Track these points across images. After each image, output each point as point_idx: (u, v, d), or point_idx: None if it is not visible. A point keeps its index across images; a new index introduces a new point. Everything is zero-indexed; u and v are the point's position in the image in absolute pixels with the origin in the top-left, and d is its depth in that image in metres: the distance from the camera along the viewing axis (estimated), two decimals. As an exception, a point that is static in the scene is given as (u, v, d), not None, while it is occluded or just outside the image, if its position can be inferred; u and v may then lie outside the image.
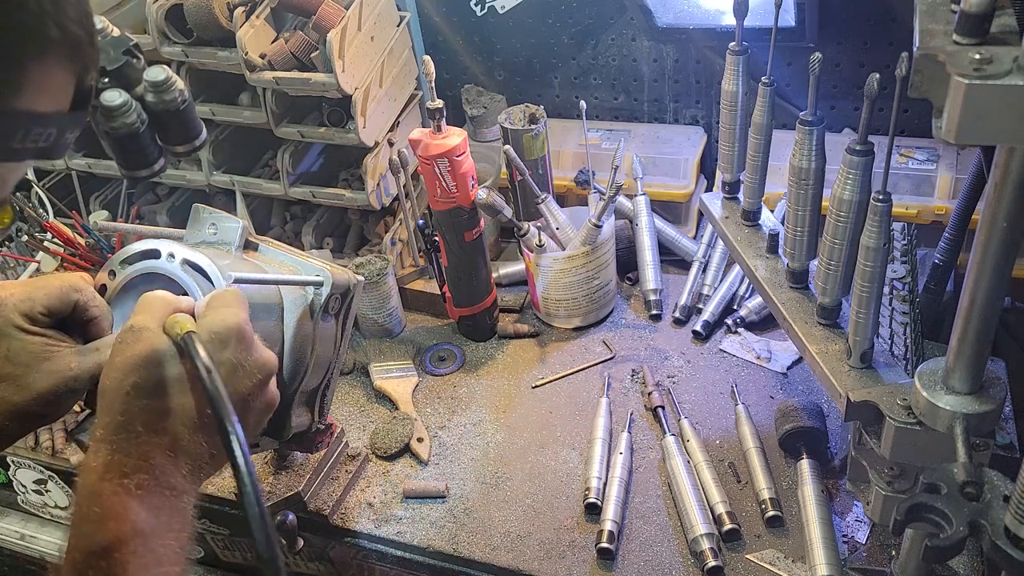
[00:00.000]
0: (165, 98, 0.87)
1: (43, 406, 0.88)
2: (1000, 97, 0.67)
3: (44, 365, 0.87)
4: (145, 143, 0.87)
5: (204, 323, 0.80)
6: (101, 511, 0.73)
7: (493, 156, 1.93)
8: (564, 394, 1.59)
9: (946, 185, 1.62)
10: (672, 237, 1.82)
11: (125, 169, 0.88)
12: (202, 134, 0.93)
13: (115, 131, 0.85)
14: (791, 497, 1.33)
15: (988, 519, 0.86)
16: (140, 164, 0.88)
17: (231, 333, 0.81)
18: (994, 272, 0.87)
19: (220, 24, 1.56)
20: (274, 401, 0.87)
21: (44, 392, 0.87)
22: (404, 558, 1.39)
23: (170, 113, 0.88)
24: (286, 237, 1.86)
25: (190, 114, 0.91)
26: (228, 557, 1.63)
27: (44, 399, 0.87)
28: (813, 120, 1.11)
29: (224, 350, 0.80)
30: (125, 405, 0.76)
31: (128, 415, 0.75)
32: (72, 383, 0.88)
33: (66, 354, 0.89)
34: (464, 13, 1.94)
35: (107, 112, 0.83)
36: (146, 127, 0.87)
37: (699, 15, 1.75)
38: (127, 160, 0.88)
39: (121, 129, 0.85)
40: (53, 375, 0.87)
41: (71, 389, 0.88)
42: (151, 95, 0.87)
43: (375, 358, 1.70)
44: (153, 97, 0.87)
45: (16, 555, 1.92)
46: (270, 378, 0.85)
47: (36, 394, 0.86)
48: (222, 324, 0.80)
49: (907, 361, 1.24)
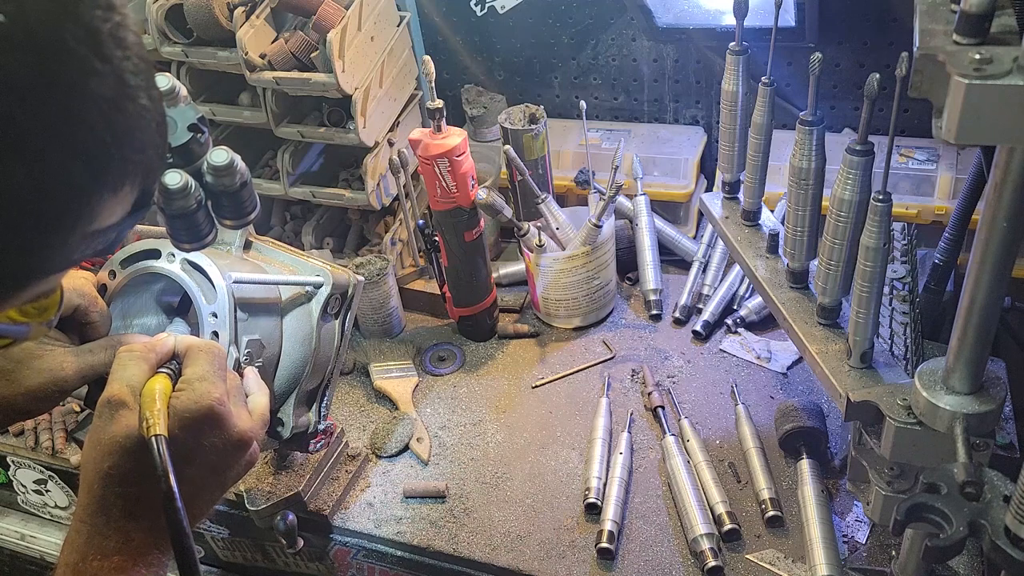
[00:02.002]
0: (225, 182, 0.87)
1: (30, 402, 0.89)
2: (1000, 97, 0.67)
3: (36, 363, 0.88)
4: (199, 221, 0.86)
5: (179, 404, 0.80)
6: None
7: (493, 156, 1.93)
8: (564, 394, 1.59)
9: (946, 185, 1.62)
10: (672, 237, 1.82)
11: (174, 240, 0.88)
12: (255, 210, 0.92)
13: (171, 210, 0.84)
14: (791, 497, 1.33)
15: (988, 519, 0.86)
16: (191, 239, 0.88)
17: (204, 417, 0.80)
18: (994, 272, 0.87)
19: (220, 24, 1.56)
20: (253, 461, 0.88)
21: (33, 388, 0.88)
22: (404, 558, 1.39)
23: (228, 194, 0.88)
24: (286, 237, 1.86)
25: (247, 194, 0.90)
26: (228, 557, 1.63)
27: (32, 395, 0.88)
28: (813, 120, 1.11)
29: (198, 435, 0.80)
30: (103, 490, 0.76)
31: (105, 500, 0.76)
32: (62, 383, 0.89)
33: (59, 354, 0.89)
34: (464, 13, 1.94)
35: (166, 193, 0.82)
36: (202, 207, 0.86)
37: (699, 15, 1.75)
38: (177, 234, 0.87)
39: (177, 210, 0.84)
40: (44, 373, 0.88)
41: (60, 388, 0.89)
42: (211, 176, 0.86)
43: (375, 358, 1.69)
44: (213, 179, 0.86)
45: (16, 555, 1.92)
46: (247, 447, 0.85)
47: (25, 390, 0.87)
48: (195, 407, 0.80)
49: (907, 361, 1.24)
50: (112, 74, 0.50)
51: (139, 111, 0.52)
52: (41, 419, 1.69)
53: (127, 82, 0.51)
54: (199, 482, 0.81)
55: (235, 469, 0.85)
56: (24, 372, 0.87)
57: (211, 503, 0.86)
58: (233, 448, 0.83)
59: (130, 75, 0.51)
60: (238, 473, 0.86)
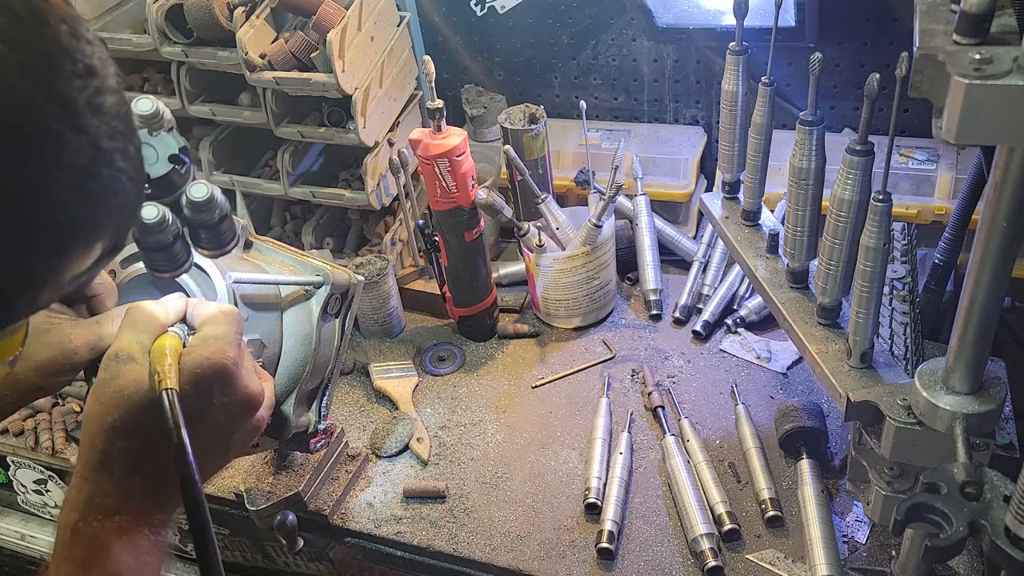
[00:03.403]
0: (204, 217, 0.86)
1: (42, 377, 0.87)
2: (1000, 97, 0.67)
3: (44, 336, 0.86)
4: (176, 252, 0.85)
5: (191, 360, 0.78)
6: (83, 554, 0.72)
7: (493, 156, 1.93)
8: (564, 394, 1.59)
9: (946, 185, 1.62)
10: (672, 237, 1.82)
11: (149, 267, 0.87)
12: (234, 240, 0.91)
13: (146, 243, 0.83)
14: (791, 497, 1.33)
15: (988, 519, 0.86)
16: (165, 268, 0.87)
17: (216, 374, 0.78)
18: (994, 272, 0.87)
19: (220, 24, 1.56)
20: (260, 427, 0.86)
21: (43, 363, 0.86)
22: (404, 558, 1.39)
23: (206, 228, 0.87)
24: (286, 237, 1.86)
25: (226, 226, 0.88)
26: (228, 557, 1.63)
27: (43, 370, 0.87)
28: (813, 120, 1.11)
29: (208, 392, 0.78)
30: (105, 444, 0.74)
31: (108, 455, 0.74)
32: (72, 356, 0.88)
33: (67, 327, 0.88)
34: (464, 13, 1.94)
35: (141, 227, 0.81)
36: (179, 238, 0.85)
37: (699, 15, 1.75)
38: (153, 263, 0.86)
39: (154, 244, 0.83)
40: (52, 347, 0.86)
41: (70, 362, 0.88)
42: (189, 211, 0.85)
43: (375, 358, 1.70)
44: (190, 213, 0.85)
45: (16, 555, 1.92)
46: (255, 410, 0.84)
47: (35, 364, 0.86)
48: (208, 363, 0.78)
49: (907, 361, 1.24)
50: (87, 144, 0.50)
51: (114, 175, 0.52)
52: (41, 419, 1.69)
53: (103, 147, 0.51)
54: (205, 441, 0.79)
55: (240, 432, 0.83)
56: (32, 347, 0.85)
57: (215, 466, 0.84)
58: (241, 409, 0.82)
59: (106, 140, 0.51)
60: (243, 437, 0.84)
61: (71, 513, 0.74)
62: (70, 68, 0.49)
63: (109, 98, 0.52)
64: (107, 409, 0.75)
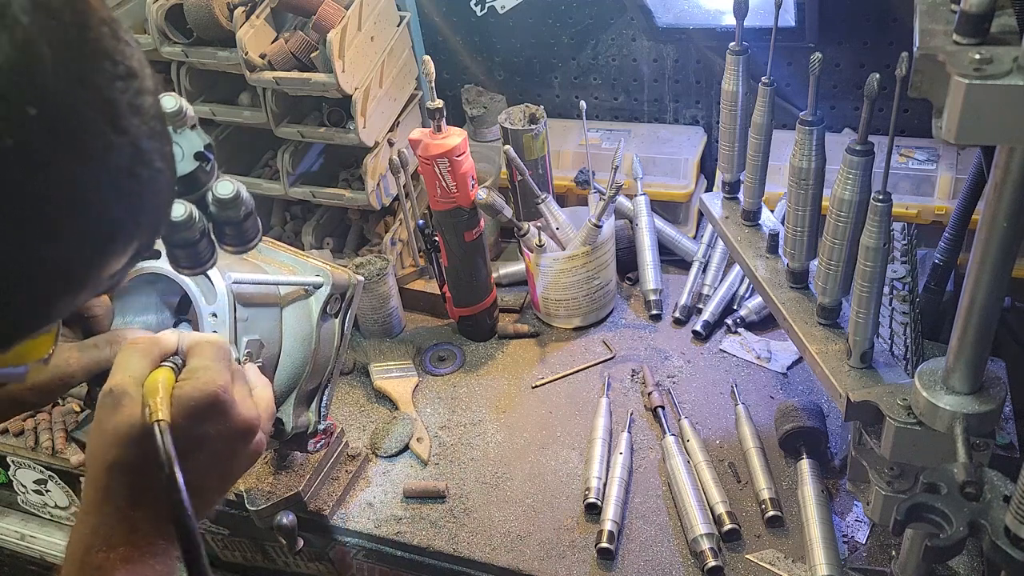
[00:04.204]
0: (230, 214, 0.86)
1: (36, 396, 0.90)
2: (1000, 97, 0.67)
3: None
4: (201, 250, 0.86)
5: (182, 393, 0.79)
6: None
7: (493, 156, 1.93)
8: (564, 394, 1.59)
9: (946, 185, 1.62)
10: (672, 237, 1.82)
11: (174, 265, 0.87)
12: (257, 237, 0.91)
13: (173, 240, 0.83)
14: (791, 497, 1.33)
15: (988, 519, 0.86)
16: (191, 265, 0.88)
17: (208, 405, 0.79)
18: (994, 272, 0.87)
19: (220, 24, 1.56)
20: (260, 450, 0.87)
21: (40, 384, 0.89)
22: (404, 558, 1.39)
23: (231, 224, 0.87)
24: (286, 237, 1.86)
25: (250, 223, 0.89)
26: (228, 557, 1.63)
27: (38, 389, 0.89)
28: (813, 120, 1.11)
29: (202, 423, 0.79)
30: (107, 481, 0.76)
31: (110, 490, 0.76)
32: (68, 378, 0.90)
33: (64, 349, 0.90)
34: (464, 13, 1.94)
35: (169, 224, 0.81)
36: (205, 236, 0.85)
37: (699, 15, 1.74)
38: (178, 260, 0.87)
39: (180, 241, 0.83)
40: (50, 370, 0.88)
41: (66, 384, 0.90)
42: (215, 207, 0.85)
43: (375, 358, 1.69)
44: (217, 210, 0.85)
45: (16, 555, 1.92)
46: (253, 435, 0.84)
47: (31, 385, 0.88)
48: (199, 395, 0.79)
49: (907, 361, 1.24)
50: (128, 145, 0.50)
51: (152, 175, 0.53)
52: (41, 419, 1.69)
53: (143, 148, 0.51)
54: (204, 472, 0.80)
55: (240, 459, 0.84)
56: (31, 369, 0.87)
57: (218, 494, 0.85)
58: (238, 437, 0.82)
59: (145, 140, 0.52)
60: (243, 463, 0.85)
61: (77, 546, 0.75)
62: (112, 70, 0.49)
63: (148, 99, 0.52)
64: (106, 447, 0.76)
